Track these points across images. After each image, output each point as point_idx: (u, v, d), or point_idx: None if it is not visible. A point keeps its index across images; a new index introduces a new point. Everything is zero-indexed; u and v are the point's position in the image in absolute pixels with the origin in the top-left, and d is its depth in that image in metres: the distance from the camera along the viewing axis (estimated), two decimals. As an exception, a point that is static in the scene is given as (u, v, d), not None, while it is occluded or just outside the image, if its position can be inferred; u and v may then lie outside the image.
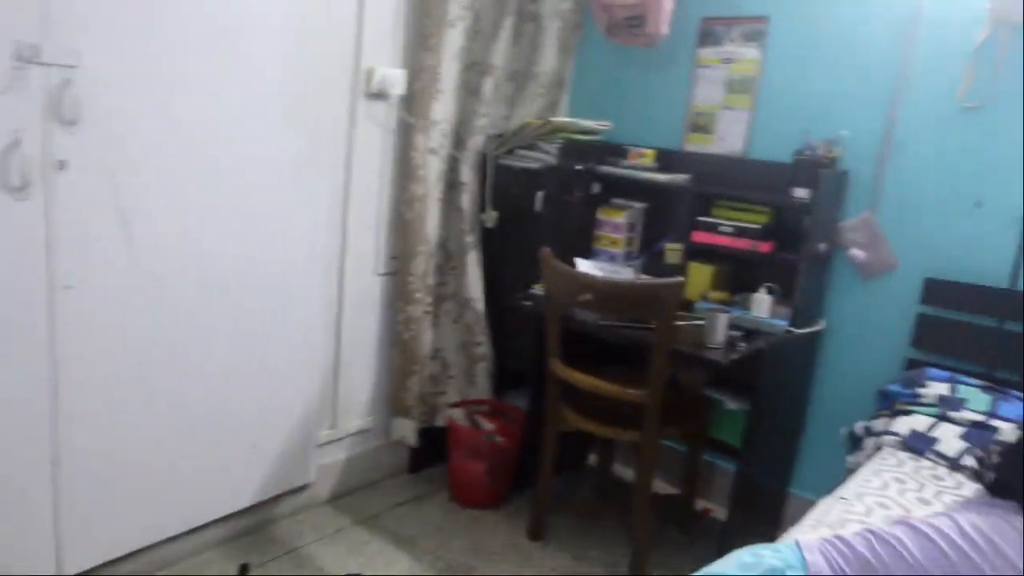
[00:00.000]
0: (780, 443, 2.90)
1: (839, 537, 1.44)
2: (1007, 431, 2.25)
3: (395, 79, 2.70)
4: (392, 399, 3.05)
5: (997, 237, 2.50)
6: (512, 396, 3.31)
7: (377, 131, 2.76)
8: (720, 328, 2.47)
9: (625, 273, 2.97)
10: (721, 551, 1.82)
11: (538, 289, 2.75)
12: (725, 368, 2.44)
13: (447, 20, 2.69)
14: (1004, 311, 2.49)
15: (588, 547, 2.82)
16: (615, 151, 3.10)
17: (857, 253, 2.74)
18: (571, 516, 3.01)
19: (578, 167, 2.99)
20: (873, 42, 2.67)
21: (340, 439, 2.96)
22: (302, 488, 2.84)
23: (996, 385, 2.43)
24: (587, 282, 2.44)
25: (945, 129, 2.56)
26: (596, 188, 3.09)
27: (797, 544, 1.43)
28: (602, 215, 3.12)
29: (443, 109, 2.81)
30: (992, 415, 2.32)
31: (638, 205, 3.12)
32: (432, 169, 2.85)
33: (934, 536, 1.32)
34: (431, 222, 2.89)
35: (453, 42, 2.74)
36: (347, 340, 2.86)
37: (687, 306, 2.81)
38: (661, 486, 3.21)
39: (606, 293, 2.40)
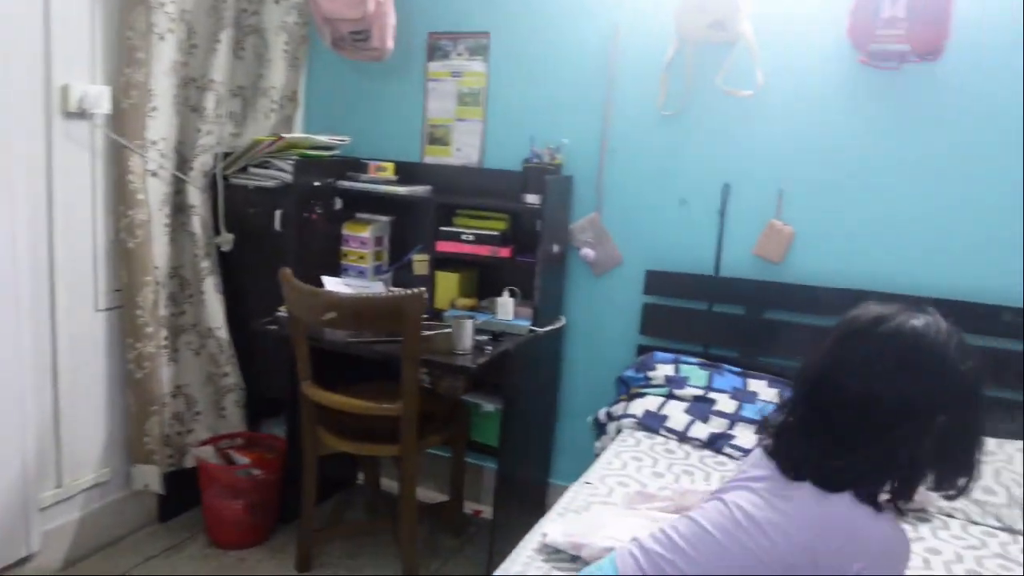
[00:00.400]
0: (536, 437, 3.04)
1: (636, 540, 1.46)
2: (721, 401, 2.53)
3: (98, 97, 2.47)
4: (131, 445, 2.78)
5: (701, 230, 2.81)
6: (269, 425, 3.17)
7: (82, 154, 2.51)
8: (467, 334, 2.54)
9: (375, 287, 2.96)
10: (492, 550, 1.87)
11: (283, 311, 2.65)
12: (475, 372, 2.51)
13: (155, 32, 2.51)
14: (711, 295, 2.80)
15: (361, 568, 2.77)
16: (355, 166, 3.07)
17: (587, 252, 2.94)
18: (343, 539, 2.94)
19: (317, 183, 2.93)
20: (585, 55, 2.88)
21: (70, 497, 2.65)
22: (24, 560, 2.50)
23: (711, 361, 2.72)
24: (330, 300, 2.39)
25: (650, 135, 2.83)
26: (338, 204, 3.04)
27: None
28: (347, 230, 3.08)
29: (160, 128, 2.62)
30: (709, 388, 2.60)
31: (383, 218, 3.12)
32: (154, 192, 2.64)
33: (703, 522, 1.33)
34: (158, 249, 2.68)
35: (165, 56, 2.56)
36: (66, 386, 2.57)
37: (437, 315, 2.86)
38: (431, 494, 3.23)
39: (349, 309, 2.37)
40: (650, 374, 2.70)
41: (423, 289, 2.35)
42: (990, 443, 2.30)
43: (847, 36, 2.41)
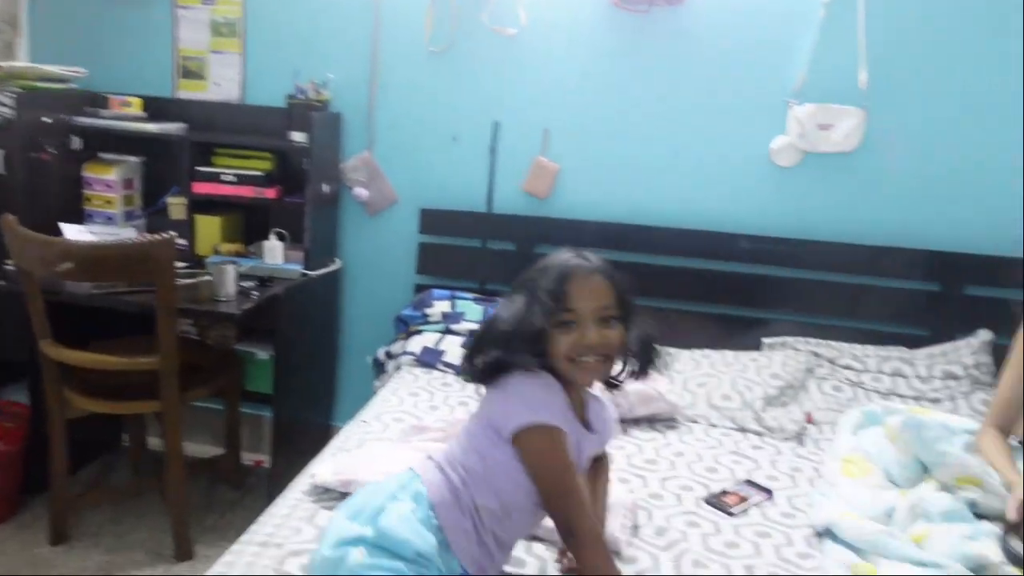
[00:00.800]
0: (315, 382, 2.97)
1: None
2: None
3: None
4: None
5: (473, 168, 2.84)
6: (11, 391, 2.84)
7: None
8: (229, 280, 2.41)
9: (127, 234, 2.71)
10: (271, 498, 1.82)
11: (11, 264, 2.36)
12: (240, 319, 2.39)
13: None
14: (485, 232, 2.85)
15: (128, 532, 2.59)
16: (95, 101, 2.77)
17: (360, 191, 2.87)
18: (107, 505, 2.72)
19: (47, 120, 2.60)
20: (349, -14, 2.77)
21: None
22: None
23: (486, 296, 2.79)
24: (64, 249, 2.16)
25: (419, 71, 2.79)
26: (76, 143, 2.73)
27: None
28: (89, 172, 2.78)
29: None
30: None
31: (132, 159, 2.85)
32: None
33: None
34: None
35: None
36: None
37: (200, 262, 2.67)
38: (207, 448, 3.08)
39: (88, 259, 2.15)
40: (427, 311, 2.72)
41: (173, 233, 2.18)
42: (728, 355, 2.57)
43: (600, -24, 2.51)
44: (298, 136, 2.64)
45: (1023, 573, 1.42)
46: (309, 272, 2.71)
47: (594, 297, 1.34)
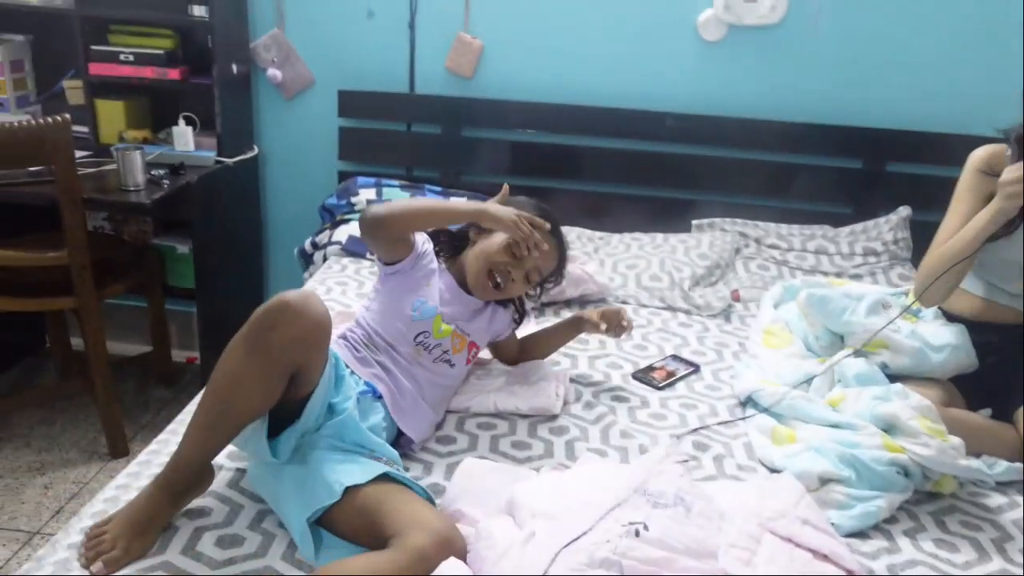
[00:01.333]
0: (241, 274, 2.88)
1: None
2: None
3: None
4: None
5: (392, 45, 2.68)
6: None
7: None
8: (136, 168, 2.26)
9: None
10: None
11: None
12: (150, 208, 2.26)
13: None
14: (408, 115, 2.74)
15: (60, 435, 2.52)
16: (-34, -29, 2.49)
17: (274, 72, 2.70)
18: (34, 408, 2.64)
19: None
20: None
21: None
22: None
23: (413, 183, 2.70)
24: (-56, 136, 1.97)
25: (330, -63, 2.59)
26: (-50, 20, 2.48)
27: None
28: (-31, 54, 2.54)
29: None
30: (411, 208, 2.59)
31: (17, 38, 2.60)
32: None
33: None
34: None
35: None
36: None
37: (105, 150, 2.50)
38: (135, 347, 2.99)
39: (-28, 146, 1.98)
40: (353, 199, 2.63)
41: (66, 116, 2.01)
42: (657, 237, 2.58)
43: None
44: (198, 9, 2.44)
45: None
46: (224, 159, 2.57)
47: (546, 259, 1.67)
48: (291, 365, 1.24)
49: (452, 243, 1.73)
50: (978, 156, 1.76)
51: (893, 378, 1.67)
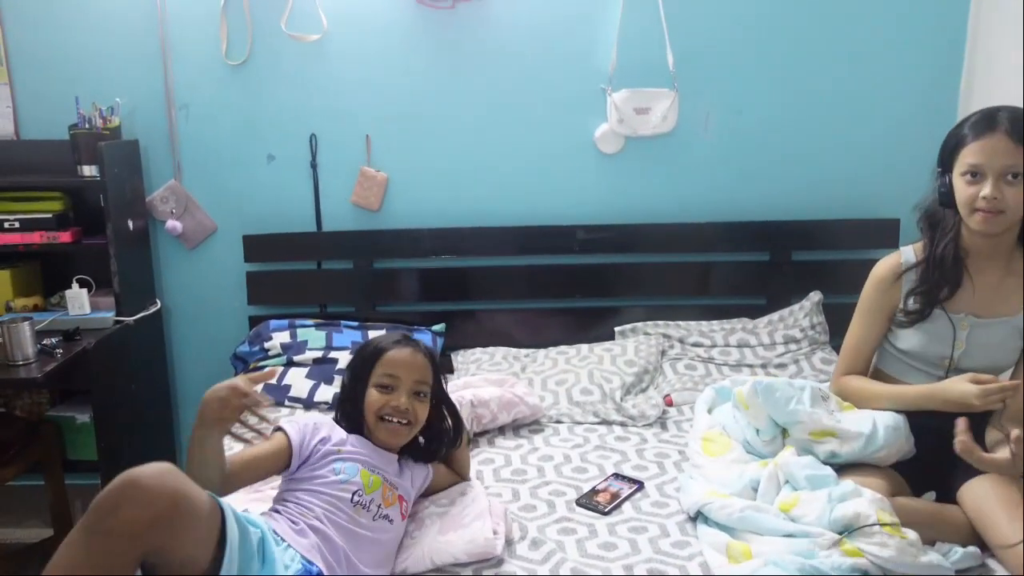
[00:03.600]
0: (149, 438, 2.69)
1: None
2: (343, 358, 2.45)
3: None
4: None
5: (295, 185, 2.65)
6: None
7: None
8: (24, 340, 2.11)
9: None
10: None
11: None
12: (43, 382, 2.10)
13: None
14: (317, 252, 2.68)
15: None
16: None
17: (173, 224, 2.62)
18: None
19: None
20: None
21: None
22: None
23: (328, 320, 2.62)
24: None
25: (222, 87, 2.58)
26: None
27: None
28: None
29: None
30: (329, 348, 2.49)
31: None
32: None
33: None
34: None
35: None
36: None
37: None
38: (37, 532, 2.72)
39: None
40: (266, 344, 2.52)
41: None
42: (583, 348, 2.55)
43: (400, -25, 2.39)
44: (88, 170, 2.37)
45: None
46: (123, 318, 2.44)
47: (415, 369, 1.65)
48: (139, 551, 1.10)
49: (349, 412, 1.70)
50: (878, 273, 1.84)
51: (837, 469, 1.65)
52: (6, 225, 2.36)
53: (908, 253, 1.81)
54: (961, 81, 2.61)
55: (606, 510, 1.74)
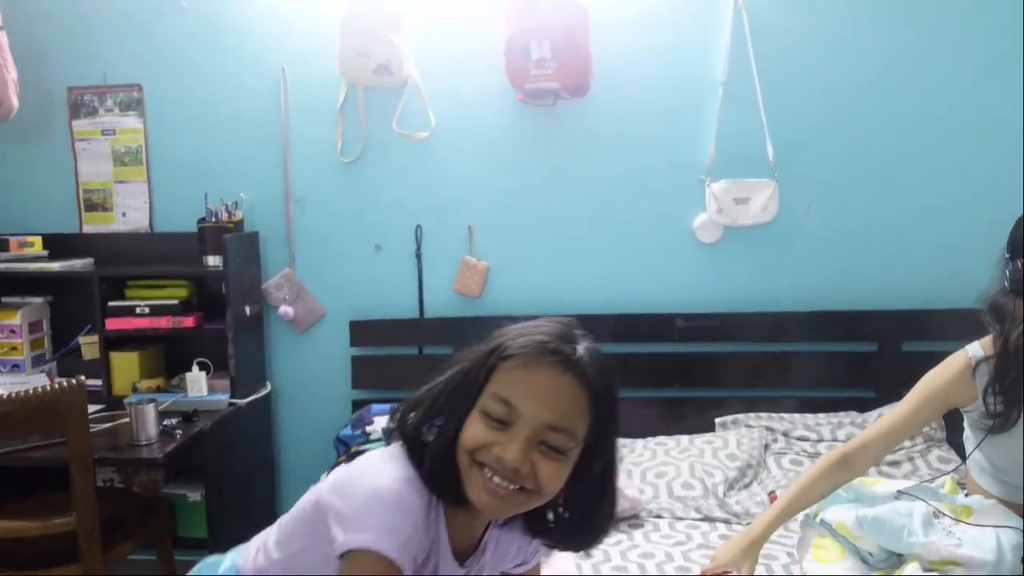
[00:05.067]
0: (255, 518, 2.75)
1: None
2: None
3: None
4: None
5: (400, 274, 2.76)
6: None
7: None
8: (148, 422, 2.24)
9: (36, 381, 2.51)
10: None
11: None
12: (163, 463, 2.21)
13: None
14: (419, 338, 2.76)
15: None
16: (-7, 244, 2.62)
17: (286, 310, 2.76)
18: None
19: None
20: (253, 102, 2.72)
21: None
22: None
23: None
24: (-42, 410, 1.96)
25: (335, 182, 2.74)
26: (-25, 291, 2.57)
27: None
28: (-10, 320, 2.60)
29: None
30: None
31: (36, 300, 2.69)
32: None
33: None
34: None
35: None
36: None
37: (118, 402, 2.50)
38: (143, 606, 2.81)
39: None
40: (368, 428, 2.57)
41: (81, 377, 2.02)
42: (683, 440, 2.50)
43: (505, 76, 2.51)
44: (213, 260, 2.54)
45: None
46: (237, 401, 2.56)
47: (553, 405, 0.98)
48: None
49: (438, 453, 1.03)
50: (956, 363, 1.72)
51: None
52: (137, 311, 2.54)
53: (975, 348, 1.70)
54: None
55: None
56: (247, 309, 2.64)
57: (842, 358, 2.63)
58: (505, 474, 0.98)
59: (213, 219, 2.59)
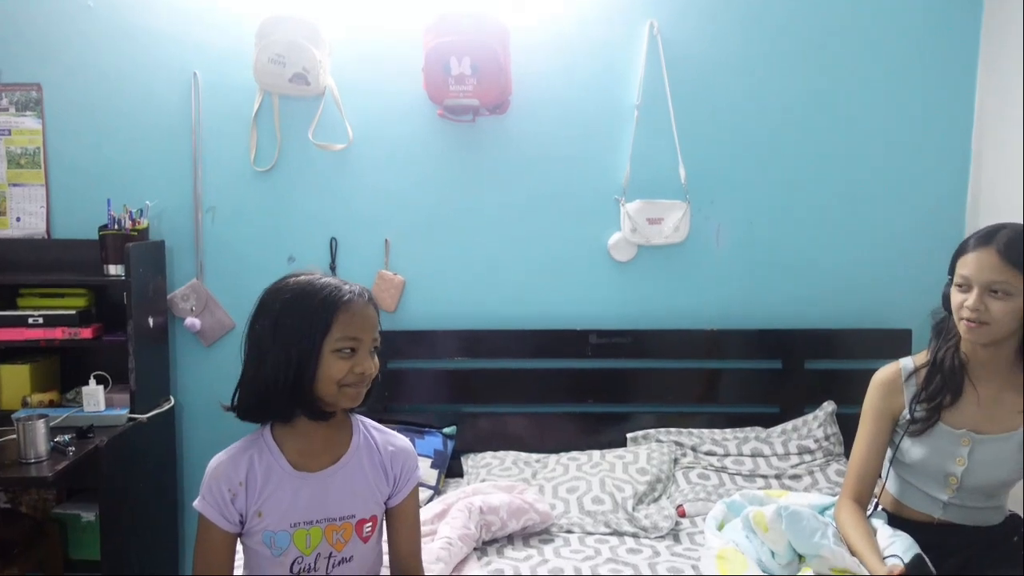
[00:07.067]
0: (154, 537, 2.64)
1: None
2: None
3: None
4: None
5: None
6: None
7: None
8: (37, 439, 2.12)
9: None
10: None
11: None
12: (53, 482, 2.09)
13: None
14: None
15: None
16: None
17: (192, 321, 2.67)
18: None
19: None
20: (162, 107, 2.63)
21: None
22: None
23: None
24: None
25: (248, 192, 2.67)
26: None
27: None
28: None
29: None
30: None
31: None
32: None
33: None
34: None
35: None
36: None
37: (6, 418, 2.35)
38: (31, 634, 2.64)
39: None
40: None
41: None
42: (595, 454, 2.53)
43: (424, 91, 2.51)
44: (114, 269, 2.44)
45: None
46: (137, 416, 2.45)
47: (371, 327, 1.41)
48: None
49: (281, 397, 1.39)
50: (879, 379, 1.85)
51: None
52: (30, 321, 2.41)
53: (907, 362, 1.83)
54: (968, 195, 2.68)
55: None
56: (151, 320, 2.53)
57: (748, 375, 2.72)
58: (362, 380, 1.39)
59: (116, 226, 2.49)
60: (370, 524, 1.45)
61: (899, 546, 1.65)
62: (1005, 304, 1.61)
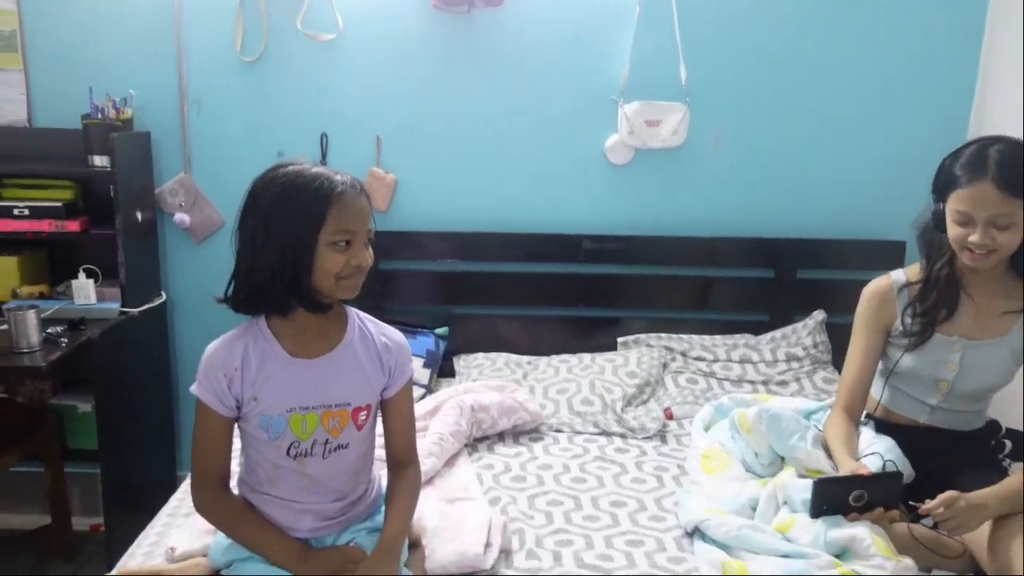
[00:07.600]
0: (149, 430, 2.69)
1: None
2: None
3: None
4: None
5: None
6: None
7: None
8: (29, 328, 2.11)
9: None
10: (110, 566, 1.63)
11: None
12: (47, 371, 2.10)
13: None
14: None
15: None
16: None
17: (182, 217, 2.63)
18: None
19: None
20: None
21: None
22: None
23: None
24: None
25: (235, 83, 2.59)
26: None
27: None
28: None
29: None
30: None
31: (-101, 198, 2.46)
32: None
33: None
34: None
35: None
36: None
37: (-4, 309, 2.35)
38: (35, 518, 2.72)
39: None
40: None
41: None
42: (585, 357, 2.55)
43: (420, -21, 2.40)
44: (99, 160, 2.37)
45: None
46: (128, 310, 2.45)
47: (365, 219, 1.38)
48: None
49: (279, 290, 1.39)
50: (871, 291, 1.84)
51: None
52: (15, 212, 2.37)
53: (898, 274, 1.82)
54: (973, 105, 2.62)
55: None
56: (139, 215, 2.50)
57: (740, 283, 2.72)
58: (359, 272, 1.38)
59: (99, 115, 2.41)
60: (365, 412, 1.47)
61: (880, 446, 1.70)
62: (1010, 232, 1.59)
